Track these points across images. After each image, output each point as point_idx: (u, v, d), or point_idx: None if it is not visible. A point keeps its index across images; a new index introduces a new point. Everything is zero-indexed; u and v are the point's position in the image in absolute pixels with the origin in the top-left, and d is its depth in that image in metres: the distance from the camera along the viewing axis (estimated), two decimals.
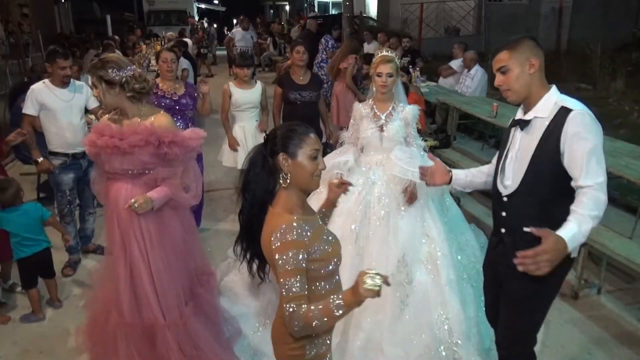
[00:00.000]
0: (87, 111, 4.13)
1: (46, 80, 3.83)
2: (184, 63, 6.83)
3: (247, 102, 4.56)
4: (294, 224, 1.63)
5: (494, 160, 2.42)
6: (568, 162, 2.03)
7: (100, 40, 10.49)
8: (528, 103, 2.19)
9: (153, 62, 5.16)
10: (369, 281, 1.46)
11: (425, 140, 5.25)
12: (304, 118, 4.71)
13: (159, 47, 8.77)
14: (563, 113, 2.07)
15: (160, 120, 2.52)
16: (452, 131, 6.44)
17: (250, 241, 1.83)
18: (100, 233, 4.49)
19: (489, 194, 2.41)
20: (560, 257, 1.85)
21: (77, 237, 4.15)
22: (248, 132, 4.59)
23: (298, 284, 1.58)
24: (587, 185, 1.97)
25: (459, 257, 3.23)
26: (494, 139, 6.86)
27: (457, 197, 5.24)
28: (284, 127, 1.76)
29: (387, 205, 3.09)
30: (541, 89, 2.16)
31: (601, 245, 3.41)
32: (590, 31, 10.17)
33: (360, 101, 3.45)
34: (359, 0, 19.25)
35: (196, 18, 23.16)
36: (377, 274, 1.48)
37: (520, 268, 1.85)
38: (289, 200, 1.72)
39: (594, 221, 1.93)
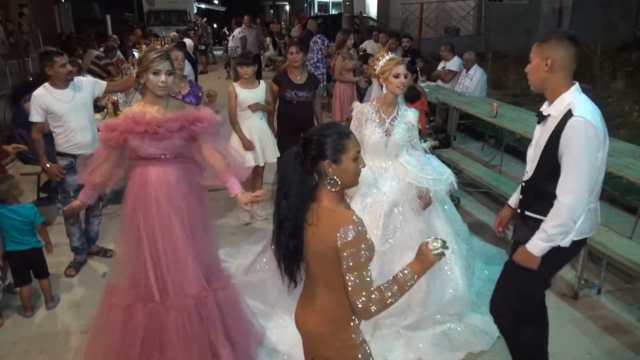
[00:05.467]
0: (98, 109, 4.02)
1: (46, 85, 3.75)
2: None
3: (253, 102, 4.57)
4: (355, 218, 1.68)
5: None
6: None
7: (99, 41, 10.46)
8: (547, 97, 2.26)
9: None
10: (434, 246, 1.69)
11: (425, 141, 5.30)
12: (299, 117, 4.72)
13: (159, 47, 8.71)
14: (567, 116, 2.12)
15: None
16: (452, 131, 6.44)
17: (298, 246, 1.76)
18: (105, 235, 4.43)
19: (489, 195, 2.46)
20: (526, 261, 2.27)
21: (83, 238, 4.09)
22: (254, 131, 4.62)
23: (370, 275, 1.68)
24: (557, 199, 2.15)
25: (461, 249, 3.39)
26: (494, 139, 6.87)
27: (457, 198, 5.25)
28: (323, 133, 1.73)
29: (403, 213, 3.12)
30: (559, 88, 2.19)
31: (601, 245, 3.41)
32: (590, 31, 10.14)
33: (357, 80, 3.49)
34: (359, 0, 19.28)
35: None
36: (436, 239, 1.71)
37: None
38: (334, 197, 1.76)
39: (557, 229, 2.16)
